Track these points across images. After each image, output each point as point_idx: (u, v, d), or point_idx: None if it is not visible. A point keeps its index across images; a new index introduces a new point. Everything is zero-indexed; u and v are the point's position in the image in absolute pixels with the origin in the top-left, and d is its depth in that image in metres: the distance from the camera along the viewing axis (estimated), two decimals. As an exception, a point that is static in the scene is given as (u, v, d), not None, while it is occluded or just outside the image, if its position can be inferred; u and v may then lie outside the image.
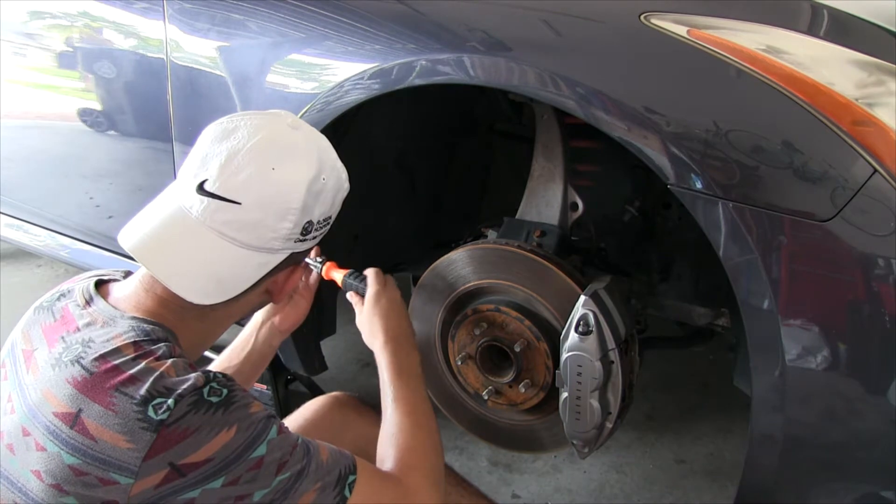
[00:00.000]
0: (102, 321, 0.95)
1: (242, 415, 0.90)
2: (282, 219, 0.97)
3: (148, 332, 0.93)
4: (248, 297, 1.03)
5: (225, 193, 0.94)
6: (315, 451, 0.96)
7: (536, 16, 1.23)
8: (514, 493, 1.87)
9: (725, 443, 2.03)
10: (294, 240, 1.00)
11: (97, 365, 0.89)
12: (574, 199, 1.49)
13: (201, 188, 0.95)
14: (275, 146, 0.98)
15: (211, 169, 0.95)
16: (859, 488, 1.11)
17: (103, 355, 0.89)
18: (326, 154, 1.04)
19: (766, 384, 1.09)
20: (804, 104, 1.02)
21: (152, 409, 0.85)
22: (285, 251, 1.00)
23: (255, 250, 0.97)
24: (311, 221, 1.00)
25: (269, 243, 0.97)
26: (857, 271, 1.00)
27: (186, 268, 0.95)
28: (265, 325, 1.36)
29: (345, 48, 1.38)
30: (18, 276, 3.12)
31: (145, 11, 1.69)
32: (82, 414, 0.86)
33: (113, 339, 0.91)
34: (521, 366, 1.41)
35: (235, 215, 0.94)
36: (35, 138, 2.18)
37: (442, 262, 1.49)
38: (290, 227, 0.98)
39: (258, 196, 0.95)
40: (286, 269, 1.04)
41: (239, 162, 0.95)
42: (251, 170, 0.94)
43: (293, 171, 0.97)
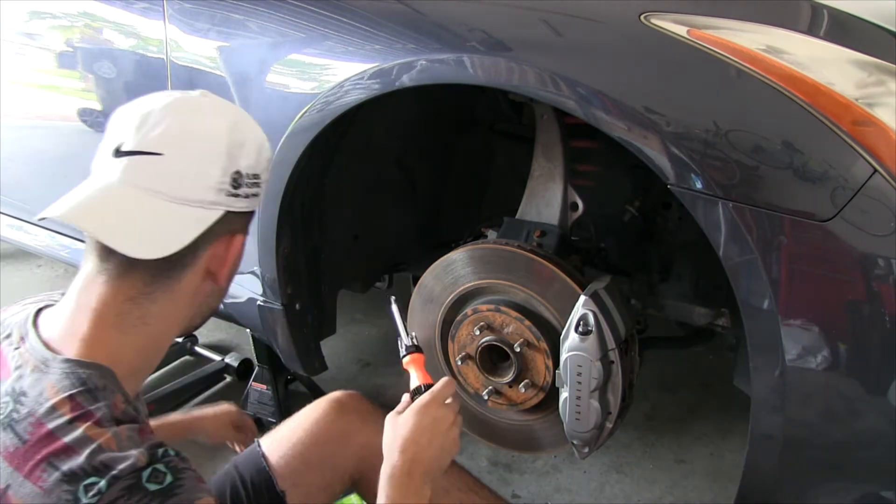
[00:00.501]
0: (33, 365, 0.86)
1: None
2: (208, 165, 0.92)
3: (84, 381, 0.83)
4: (190, 278, 0.94)
5: (145, 147, 0.90)
6: None
7: (536, 16, 1.23)
8: (514, 493, 1.87)
9: (725, 443, 2.03)
10: (226, 192, 0.93)
11: (31, 430, 0.80)
12: (574, 199, 1.49)
13: (118, 152, 0.90)
14: (187, 103, 0.95)
15: (125, 133, 0.91)
16: (859, 488, 1.11)
17: (38, 418, 0.81)
18: (242, 112, 1.01)
19: (766, 384, 1.09)
20: (804, 104, 1.02)
21: (83, 490, 0.76)
22: (219, 206, 0.93)
23: (187, 203, 0.90)
24: (239, 172, 0.94)
25: (201, 194, 0.91)
26: (857, 271, 1.00)
27: (119, 223, 0.88)
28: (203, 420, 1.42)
29: (345, 48, 1.38)
30: (18, 276, 3.12)
31: (145, 11, 1.69)
32: (10, 490, 0.79)
33: (46, 393, 0.82)
34: (521, 366, 1.41)
35: (159, 167, 0.89)
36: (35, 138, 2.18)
37: (442, 262, 1.49)
38: (219, 174, 0.92)
39: (180, 143, 0.90)
40: (223, 237, 0.95)
41: (154, 119, 0.91)
42: (168, 122, 0.91)
43: (210, 119, 0.94)
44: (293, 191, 1.51)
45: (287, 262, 1.63)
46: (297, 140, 1.43)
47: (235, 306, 1.78)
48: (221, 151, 0.92)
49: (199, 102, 0.97)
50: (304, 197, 1.57)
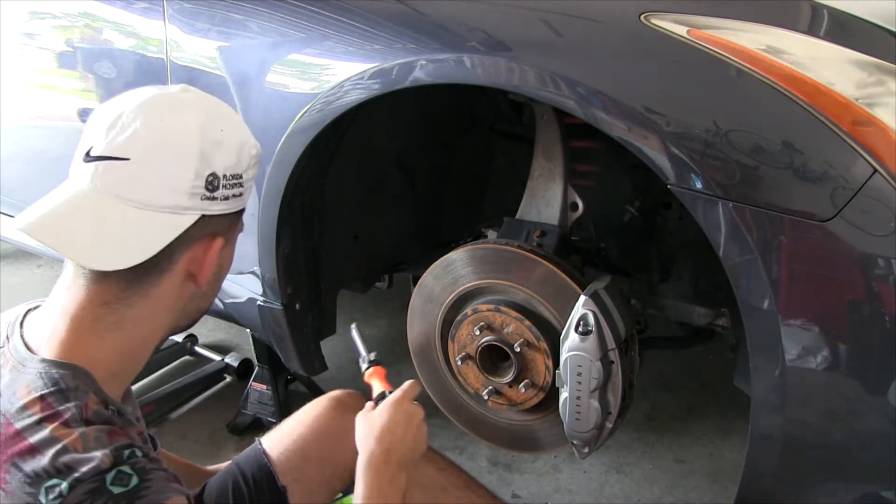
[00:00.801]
0: (13, 364, 0.87)
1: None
2: (178, 168, 0.88)
3: (57, 381, 0.83)
4: (168, 282, 0.91)
5: (112, 153, 0.87)
6: None
7: (536, 16, 1.23)
8: (514, 493, 1.87)
9: (725, 443, 2.03)
10: (200, 196, 0.89)
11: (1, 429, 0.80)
12: (574, 199, 1.49)
13: (87, 156, 0.88)
14: (161, 101, 0.91)
15: (96, 136, 0.88)
16: (859, 488, 1.11)
17: (8, 417, 0.81)
18: (221, 108, 0.97)
19: (766, 384, 1.09)
20: (804, 104, 1.02)
21: (44, 493, 0.75)
22: (194, 211, 0.89)
23: (157, 210, 0.87)
24: (214, 174, 0.90)
25: (172, 199, 0.88)
26: (857, 271, 1.00)
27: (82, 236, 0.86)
28: None
29: (345, 48, 1.38)
30: (18, 276, 3.12)
31: (145, 11, 1.69)
32: None
33: (19, 393, 0.83)
34: (521, 366, 1.41)
35: (126, 172, 0.86)
36: (36, 138, 2.18)
37: (442, 262, 1.49)
38: (192, 177, 0.88)
39: (147, 147, 0.87)
40: (202, 240, 0.92)
41: (124, 121, 0.88)
42: (137, 124, 0.87)
43: (182, 117, 0.90)
44: (293, 191, 1.51)
45: (287, 262, 1.63)
46: (297, 140, 1.43)
47: (235, 306, 1.78)
48: (193, 153, 0.89)
49: (174, 100, 0.93)
50: (304, 197, 1.57)
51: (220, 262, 0.97)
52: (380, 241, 1.86)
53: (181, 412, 2.20)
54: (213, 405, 2.24)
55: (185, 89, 0.96)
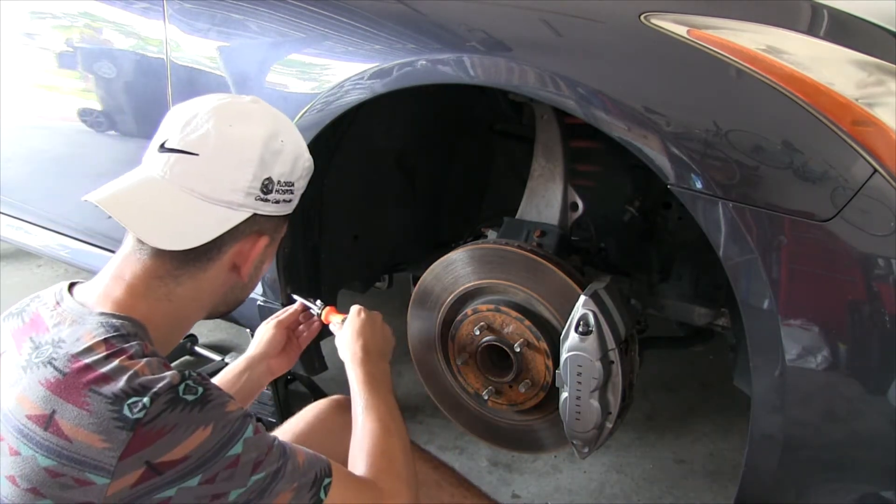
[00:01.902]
0: (71, 319, 0.95)
1: (218, 413, 0.90)
2: (240, 169, 0.99)
3: (117, 328, 0.92)
4: (215, 270, 1.02)
5: (184, 147, 0.98)
6: (291, 453, 0.96)
7: (536, 16, 1.23)
8: (514, 493, 1.87)
9: (725, 443, 2.03)
10: (255, 196, 1.01)
11: (69, 364, 0.88)
12: (574, 199, 1.49)
13: (162, 147, 0.99)
14: (233, 109, 1.03)
15: (172, 131, 0.99)
16: (859, 488, 1.11)
17: (75, 355, 0.89)
18: (285, 123, 1.08)
19: (766, 384, 1.09)
20: (804, 104, 1.02)
21: (128, 408, 0.85)
22: (247, 209, 1.01)
23: (215, 203, 0.98)
24: (270, 179, 1.02)
25: (229, 196, 0.99)
26: (857, 271, 1.00)
27: (148, 215, 0.97)
28: (259, 366, 1.38)
29: (345, 48, 1.38)
30: (18, 276, 3.12)
31: (145, 11, 1.69)
32: (56, 415, 0.85)
33: (83, 338, 0.91)
34: (521, 366, 1.41)
35: (194, 166, 0.97)
36: (35, 138, 2.18)
37: (442, 262, 1.49)
38: (249, 179, 0.99)
39: (215, 147, 0.98)
40: (250, 236, 1.04)
41: (198, 121, 0.99)
42: (209, 125, 0.98)
43: (250, 127, 1.01)
44: (293, 191, 1.51)
45: (287, 262, 1.63)
46: (297, 140, 1.43)
47: (235, 306, 1.78)
48: (254, 158, 1.00)
49: (245, 109, 1.04)
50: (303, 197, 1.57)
51: (262, 258, 1.08)
52: (380, 241, 1.86)
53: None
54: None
55: (254, 100, 1.08)
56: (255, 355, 1.39)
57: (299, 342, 1.45)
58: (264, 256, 1.09)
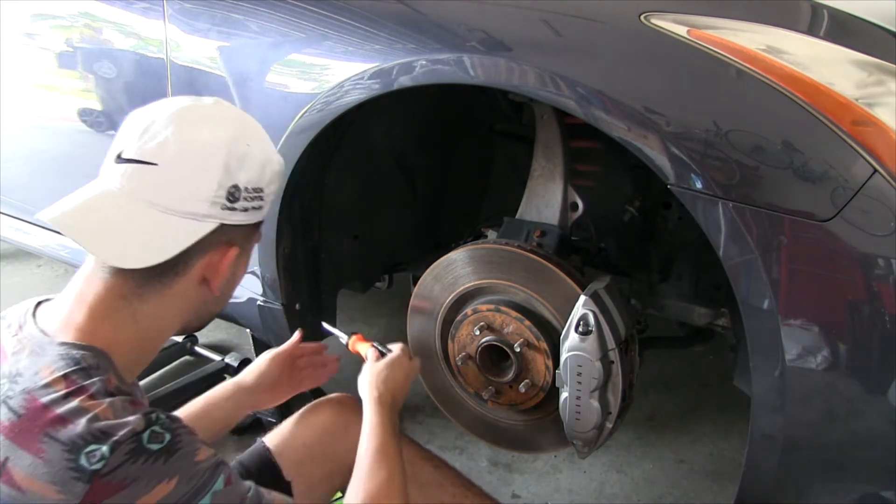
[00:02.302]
0: (30, 349, 0.89)
1: (186, 464, 0.84)
2: (202, 178, 0.93)
3: (78, 361, 0.86)
4: (182, 285, 0.96)
5: (142, 157, 0.92)
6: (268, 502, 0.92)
7: (536, 16, 1.23)
8: (514, 493, 1.87)
9: (725, 443, 2.03)
10: (220, 205, 0.94)
11: (25, 404, 0.83)
12: (574, 199, 1.49)
13: (119, 157, 0.93)
14: (193, 113, 0.97)
15: (128, 139, 0.93)
16: (859, 488, 1.11)
17: (31, 391, 0.83)
18: (251, 125, 1.02)
19: (766, 384, 1.09)
20: (804, 104, 1.02)
21: (85, 458, 0.79)
22: (213, 219, 0.94)
23: (178, 215, 0.92)
24: (236, 186, 0.95)
25: (193, 206, 0.93)
26: (857, 271, 1.00)
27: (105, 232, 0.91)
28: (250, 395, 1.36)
29: (345, 48, 1.38)
30: (18, 276, 3.12)
31: (145, 11, 1.69)
32: (9, 462, 0.81)
33: (41, 372, 0.85)
34: (521, 366, 1.41)
35: (154, 177, 0.91)
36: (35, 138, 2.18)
37: (442, 262, 1.49)
38: (214, 188, 0.93)
39: (176, 155, 0.92)
40: (219, 247, 0.97)
41: (156, 128, 0.93)
42: (167, 132, 0.92)
43: (212, 132, 0.95)
44: (293, 191, 1.51)
45: (287, 262, 1.63)
46: (297, 140, 1.43)
47: (235, 306, 1.78)
48: (217, 165, 0.93)
49: (206, 112, 0.98)
50: (303, 197, 1.57)
51: (233, 270, 1.02)
52: (380, 241, 1.86)
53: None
54: (212, 405, 2.24)
55: (217, 102, 1.01)
56: (246, 386, 1.36)
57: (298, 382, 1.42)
58: (236, 267, 1.02)
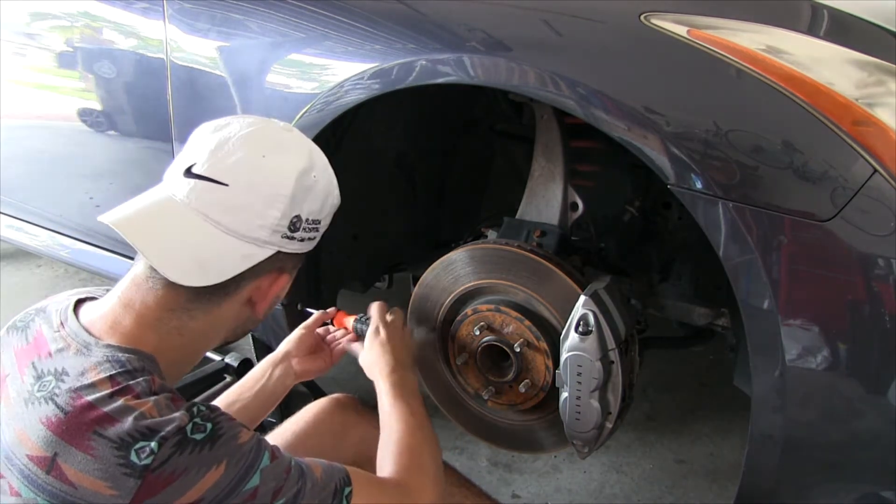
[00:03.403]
0: (76, 348, 0.90)
1: (231, 448, 0.86)
2: (270, 205, 0.93)
3: (124, 363, 0.88)
4: (230, 305, 0.97)
5: (213, 175, 0.91)
6: (308, 470, 0.94)
7: (536, 16, 1.23)
8: (514, 493, 1.87)
9: (725, 443, 2.03)
10: (281, 234, 0.95)
11: (71, 402, 0.84)
12: (574, 199, 1.49)
13: (189, 171, 0.92)
14: (266, 138, 0.97)
15: (200, 154, 0.93)
16: (859, 488, 1.11)
17: (77, 390, 0.85)
18: (318, 155, 1.03)
19: (766, 384, 1.09)
20: (804, 104, 1.02)
21: (135, 454, 0.81)
22: (272, 246, 0.96)
23: (240, 238, 0.93)
24: (299, 217, 0.96)
25: (256, 232, 0.93)
26: (857, 271, 1.00)
27: (167, 244, 0.91)
28: (281, 365, 1.35)
29: (345, 48, 1.38)
30: (18, 276, 3.12)
31: (145, 11, 1.69)
32: (59, 458, 0.82)
33: (88, 373, 0.87)
34: (521, 366, 1.41)
35: (222, 197, 0.91)
36: (35, 138, 2.18)
37: (442, 262, 1.49)
38: (278, 216, 0.94)
39: (247, 179, 0.92)
40: (270, 273, 0.99)
41: (230, 147, 0.93)
42: (241, 154, 0.92)
43: (284, 160, 0.95)
44: (293, 191, 1.51)
45: (287, 262, 1.63)
46: (297, 140, 1.43)
47: (235, 306, 1.77)
48: (286, 195, 0.94)
49: (280, 138, 0.99)
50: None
51: (279, 295, 1.04)
52: (380, 241, 1.86)
53: (181, 412, 2.20)
54: (213, 405, 2.24)
55: (287, 128, 1.03)
56: (278, 354, 1.36)
57: (333, 351, 1.42)
58: (282, 292, 1.04)
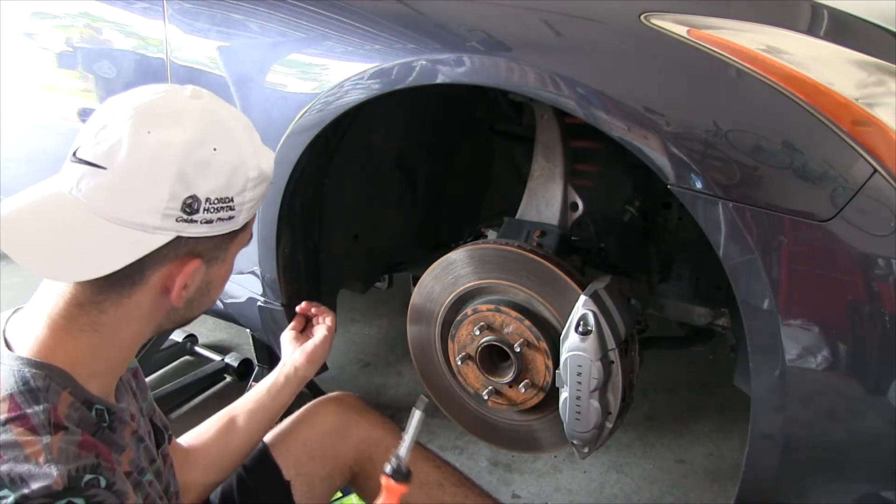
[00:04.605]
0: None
1: None
2: (152, 187, 0.82)
3: (27, 381, 0.80)
4: (141, 294, 0.87)
5: (92, 158, 0.82)
6: None
7: (536, 16, 1.23)
8: (514, 493, 1.87)
9: (725, 443, 2.03)
10: (175, 217, 0.83)
11: None
12: (574, 199, 1.49)
13: (74, 156, 0.85)
14: (158, 109, 0.85)
15: (86, 136, 0.85)
16: (859, 488, 1.11)
17: None
18: (225, 125, 0.88)
19: (766, 384, 1.09)
20: (804, 104, 1.02)
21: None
22: (166, 232, 0.83)
23: (123, 225, 0.82)
24: (195, 197, 0.83)
25: (142, 217, 0.82)
26: (857, 271, 1.00)
27: (39, 238, 0.83)
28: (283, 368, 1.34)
29: (345, 48, 1.38)
30: (18, 276, 3.11)
31: (145, 11, 1.69)
32: None
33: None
34: (521, 366, 1.41)
35: (101, 181, 0.82)
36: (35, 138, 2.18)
37: (442, 262, 1.49)
38: (166, 199, 0.82)
39: (126, 159, 0.81)
40: (178, 259, 0.87)
41: (113, 127, 0.83)
42: (124, 132, 0.82)
43: (171, 134, 0.83)
44: (293, 191, 1.51)
45: (287, 262, 1.63)
46: (297, 140, 1.43)
47: (235, 306, 1.78)
48: (171, 174, 0.82)
49: (175, 109, 0.86)
50: (304, 197, 1.57)
51: (207, 279, 0.93)
52: (380, 241, 1.86)
53: (181, 412, 2.20)
54: (213, 405, 2.24)
55: (196, 95, 0.89)
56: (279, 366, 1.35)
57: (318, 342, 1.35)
58: (211, 277, 0.93)
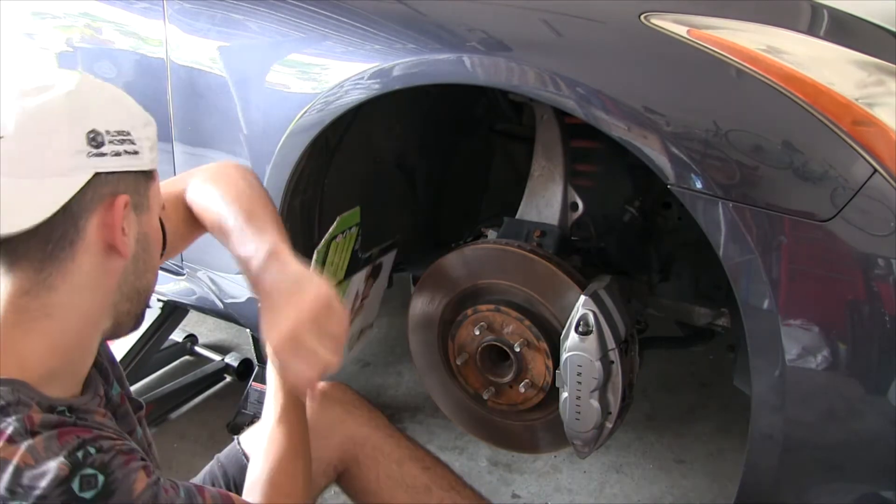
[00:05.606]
0: None
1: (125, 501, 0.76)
2: (53, 133, 0.82)
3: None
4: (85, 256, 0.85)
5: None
6: None
7: (536, 16, 1.23)
8: (514, 493, 1.87)
9: (725, 443, 2.03)
10: (86, 153, 0.83)
11: None
12: (574, 198, 1.49)
13: None
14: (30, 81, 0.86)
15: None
16: (859, 488, 1.11)
17: None
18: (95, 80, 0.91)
19: (766, 384, 1.09)
20: (804, 104, 1.02)
21: None
22: (83, 170, 0.83)
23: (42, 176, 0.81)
24: (95, 130, 0.84)
25: (55, 162, 0.81)
26: (857, 271, 1.00)
27: None
28: None
29: (345, 48, 1.38)
30: None
31: (145, 11, 1.69)
32: None
33: None
34: (521, 366, 1.41)
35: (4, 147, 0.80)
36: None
37: (442, 262, 1.49)
38: (67, 138, 0.82)
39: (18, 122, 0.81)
40: (104, 200, 0.85)
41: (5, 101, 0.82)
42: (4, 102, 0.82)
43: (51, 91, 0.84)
44: (293, 191, 1.51)
45: (287, 262, 1.62)
46: (297, 140, 1.43)
47: (235, 306, 1.78)
48: (62, 115, 0.83)
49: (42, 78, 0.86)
50: (304, 197, 1.57)
51: (142, 230, 0.91)
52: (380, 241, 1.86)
53: (181, 412, 2.20)
54: (213, 405, 2.24)
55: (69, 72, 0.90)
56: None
57: None
58: (143, 227, 0.91)
